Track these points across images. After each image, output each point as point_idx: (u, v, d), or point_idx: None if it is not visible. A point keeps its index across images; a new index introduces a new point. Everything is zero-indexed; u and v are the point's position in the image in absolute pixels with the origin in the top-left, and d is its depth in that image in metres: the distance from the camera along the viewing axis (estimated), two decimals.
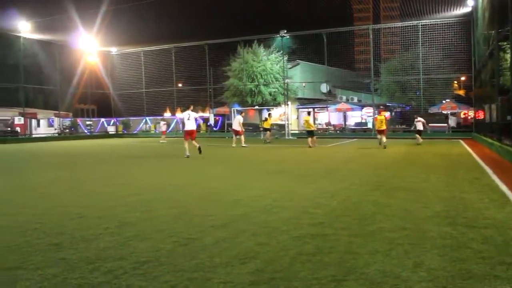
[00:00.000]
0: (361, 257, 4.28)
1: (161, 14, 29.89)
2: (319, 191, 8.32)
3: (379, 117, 22.84)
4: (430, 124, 33.44)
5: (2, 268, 4.18)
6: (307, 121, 23.74)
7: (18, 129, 40.30)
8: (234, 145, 23.59)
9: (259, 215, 6.26)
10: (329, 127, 39.07)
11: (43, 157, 19.33)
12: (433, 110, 34.65)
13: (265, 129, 28.52)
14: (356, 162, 14.36)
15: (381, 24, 41.13)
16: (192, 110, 17.42)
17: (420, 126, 23.82)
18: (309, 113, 27.90)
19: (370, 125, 36.79)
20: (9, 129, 39.55)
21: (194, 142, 17.15)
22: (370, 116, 37.45)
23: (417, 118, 24.42)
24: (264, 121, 29.65)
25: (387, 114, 38.52)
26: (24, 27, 34.10)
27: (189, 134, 17.19)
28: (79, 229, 5.66)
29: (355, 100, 47.88)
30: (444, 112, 33.68)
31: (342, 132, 37.29)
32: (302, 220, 5.89)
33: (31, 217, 6.43)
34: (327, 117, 41.58)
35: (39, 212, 6.84)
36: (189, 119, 17.15)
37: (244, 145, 23.19)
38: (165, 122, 34.20)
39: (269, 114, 28.83)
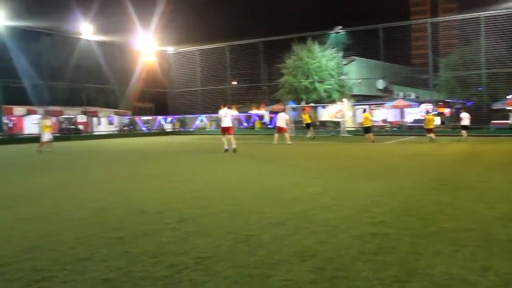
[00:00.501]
0: (424, 258, 4.15)
1: (216, 14, 30.24)
2: (378, 189, 8.15)
3: (427, 117, 23.91)
4: (492, 121, 32.02)
5: (74, 259, 4.38)
6: (367, 118, 24.09)
7: (81, 126, 42.09)
8: (275, 142, 23.41)
9: (317, 213, 6.21)
10: (386, 124, 38.21)
11: (104, 154, 20.07)
12: (497, 106, 33.08)
13: (308, 125, 28.71)
14: (416, 160, 13.98)
15: (440, 17, 39.59)
16: (228, 108, 18.37)
17: (465, 121, 23.00)
18: (364, 110, 27.45)
19: None
20: (73, 126, 41.36)
21: (231, 138, 17.95)
22: (429, 113, 36.26)
23: (462, 112, 23.60)
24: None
25: (446, 110, 37.31)
26: (86, 29, 35.50)
27: (226, 130, 18.03)
28: (141, 224, 5.83)
29: (413, 96, 46.49)
30: (509, 108, 32.07)
31: (399, 129, 36.37)
32: (361, 219, 5.80)
33: (97, 211, 6.69)
34: (384, 114, 40.67)
35: (103, 206, 7.11)
36: (226, 116, 18.05)
37: (289, 142, 23.04)
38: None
39: (303, 109, 28.56)
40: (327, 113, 42.90)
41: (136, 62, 44.03)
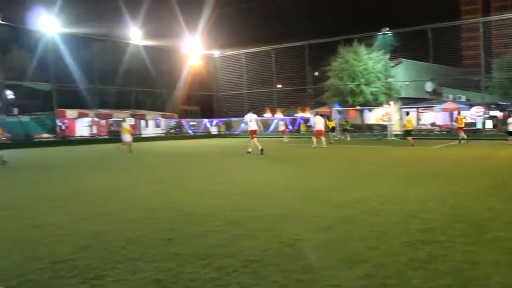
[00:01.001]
0: (480, 268, 4.00)
1: (262, 17, 30.38)
2: (427, 194, 7.94)
3: (459, 116, 26.17)
4: None
5: (125, 259, 4.49)
6: (409, 121, 24.64)
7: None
8: (314, 145, 23.78)
9: (365, 218, 6.11)
10: (434, 127, 37.19)
11: (151, 156, 20.51)
12: None
13: (332, 129, 29.60)
14: (467, 165, 13.54)
15: (492, 16, 38.14)
16: (253, 113, 19.71)
17: (511, 127, 22.30)
18: (407, 113, 27.20)
19: (479, 125, 34.49)
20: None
21: (255, 140, 19.03)
22: (480, 116, 35.09)
23: (511, 116, 22.79)
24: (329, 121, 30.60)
25: (499, 113, 35.93)
26: (135, 35, 36.46)
27: (252, 133, 19.28)
28: (189, 225, 5.92)
29: (463, 99, 45.04)
30: None
31: (448, 133, 35.31)
32: (411, 225, 5.66)
33: (146, 212, 6.84)
34: (432, 117, 39.61)
35: (152, 207, 7.26)
36: (251, 121, 19.33)
37: (324, 145, 23.37)
38: (283, 122, 35.10)
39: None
40: (373, 116, 42.29)
41: (183, 66, 44.82)
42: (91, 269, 4.18)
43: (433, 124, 37.68)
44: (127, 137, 23.83)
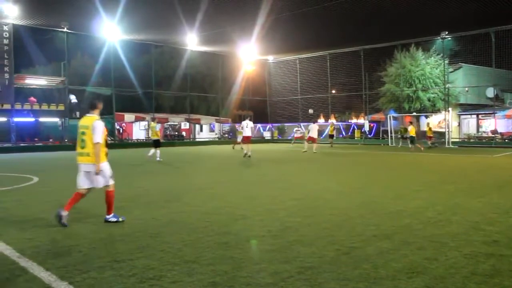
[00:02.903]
0: None
1: (317, 22, 30.22)
2: (490, 205, 7.62)
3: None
4: None
5: (181, 261, 4.59)
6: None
7: (184, 133, 44.15)
8: (305, 149, 24.70)
9: (423, 228, 5.94)
10: (496, 135, 35.63)
11: (206, 160, 20.82)
12: None
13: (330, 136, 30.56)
14: None
15: None
16: (250, 120, 20.85)
17: None
18: (411, 123, 28.36)
19: None
20: (176, 133, 43.48)
21: (245, 146, 20.41)
22: None
23: None
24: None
25: None
26: (191, 40, 37.21)
27: (246, 139, 20.45)
28: (244, 230, 5.97)
29: None
30: None
31: (511, 141, 33.75)
32: (472, 237, 5.45)
33: (202, 215, 6.95)
34: (493, 124, 37.98)
35: (207, 211, 7.37)
36: (247, 127, 20.42)
37: (315, 151, 24.07)
38: (298, 129, 35.57)
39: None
40: (430, 123, 41.07)
41: (238, 71, 45.28)
42: (150, 269, 4.30)
43: (494, 132, 36.09)
44: (240, 138, 25.52)
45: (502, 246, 5.01)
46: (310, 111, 41.83)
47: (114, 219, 6.56)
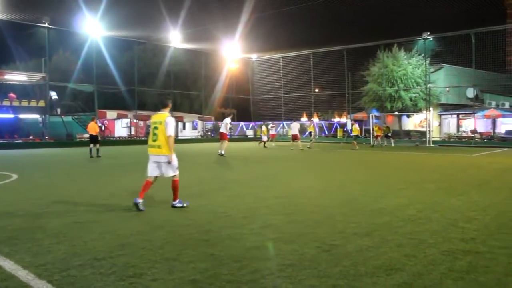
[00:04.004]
0: None
1: (300, 21, 30.30)
2: (468, 203, 7.74)
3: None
4: None
5: (162, 258, 4.58)
6: (356, 129, 28.46)
7: None
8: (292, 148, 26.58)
9: (403, 225, 6.02)
10: (475, 135, 36.16)
11: (189, 158, 20.72)
12: None
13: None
14: (510, 174, 13.10)
15: None
16: (228, 117, 22.32)
17: None
18: (352, 124, 30.84)
19: None
20: None
21: (225, 143, 21.35)
22: None
23: None
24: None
25: None
26: (174, 38, 37.05)
27: (223, 136, 21.60)
28: (226, 228, 5.97)
29: (507, 105, 43.59)
30: None
31: (490, 140, 34.30)
32: (450, 234, 5.54)
33: (183, 213, 6.95)
34: (473, 124, 38.54)
35: (190, 209, 7.35)
36: (222, 124, 22.06)
37: (300, 148, 25.83)
38: (273, 126, 36.76)
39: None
40: (412, 122, 41.52)
41: (221, 69, 45.22)
42: (130, 267, 4.28)
43: (474, 131, 36.63)
44: (264, 137, 29.79)
45: (478, 243, 5.10)
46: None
47: (179, 205, 7.49)
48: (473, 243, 5.11)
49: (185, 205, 7.51)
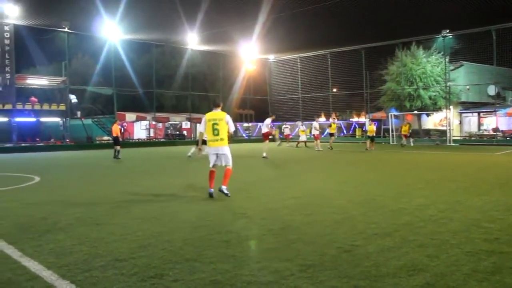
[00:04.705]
0: None
1: (317, 21, 30.18)
2: (491, 203, 7.62)
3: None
4: None
5: (183, 259, 4.59)
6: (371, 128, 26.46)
7: (185, 132, 44.14)
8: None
9: (425, 226, 5.95)
10: (497, 133, 35.58)
11: (206, 160, 20.79)
12: None
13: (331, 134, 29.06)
14: None
15: None
16: (269, 118, 22.87)
17: None
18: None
19: None
20: (177, 132, 43.49)
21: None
22: None
23: None
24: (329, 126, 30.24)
25: None
26: (192, 40, 37.24)
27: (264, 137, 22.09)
28: (245, 229, 5.98)
29: None
30: None
31: None
32: (473, 234, 5.46)
33: (202, 214, 6.96)
34: (495, 122, 37.94)
35: (208, 210, 7.38)
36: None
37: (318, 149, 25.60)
38: (287, 126, 36.76)
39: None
40: (431, 121, 41.03)
41: (238, 70, 45.29)
42: (151, 268, 4.31)
43: (495, 130, 36.06)
44: (302, 137, 29.45)
45: (503, 244, 5.01)
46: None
47: (226, 191, 8.55)
48: (497, 244, 5.03)
49: (229, 195, 8.51)
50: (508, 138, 34.13)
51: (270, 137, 23.31)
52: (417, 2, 25.67)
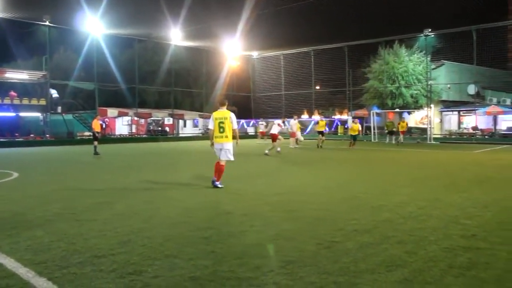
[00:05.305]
0: None
1: (301, 18, 30.24)
2: (469, 200, 7.73)
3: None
4: None
5: (163, 255, 4.57)
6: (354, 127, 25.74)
7: (167, 128, 43.88)
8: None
9: (404, 222, 6.01)
10: (476, 131, 36.12)
11: (190, 155, 20.76)
12: None
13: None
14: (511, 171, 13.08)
15: None
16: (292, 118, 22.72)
17: None
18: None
19: None
20: (160, 128, 43.21)
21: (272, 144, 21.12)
22: None
23: None
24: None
25: None
26: (175, 36, 37.03)
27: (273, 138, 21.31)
28: (226, 225, 5.97)
29: (508, 102, 43.53)
30: None
31: (491, 137, 34.24)
32: (451, 231, 5.53)
33: (184, 211, 6.94)
34: (474, 120, 38.49)
35: (190, 206, 7.35)
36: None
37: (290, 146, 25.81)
38: (262, 123, 36.75)
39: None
40: (413, 119, 41.43)
41: (222, 67, 45.17)
42: (130, 265, 4.28)
43: (475, 128, 36.59)
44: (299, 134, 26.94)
45: (479, 240, 5.09)
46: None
47: (220, 186, 9.26)
48: (474, 240, 5.11)
49: (222, 187, 9.22)
50: (486, 137, 34.65)
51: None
52: (400, 1, 25.88)
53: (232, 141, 9.40)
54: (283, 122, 26.36)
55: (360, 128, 26.87)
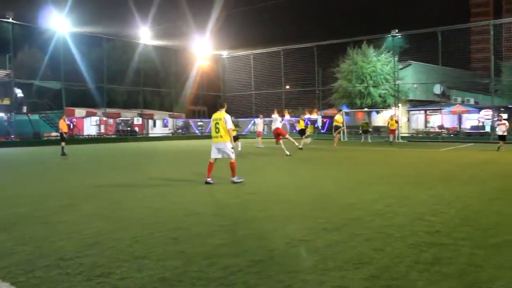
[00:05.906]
0: (485, 271, 4.00)
1: (271, 18, 30.37)
2: (435, 197, 7.92)
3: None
4: None
5: (131, 257, 4.52)
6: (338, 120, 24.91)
7: (136, 128, 43.39)
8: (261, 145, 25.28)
9: (372, 220, 6.11)
10: (442, 130, 37.00)
11: (160, 155, 20.59)
12: None
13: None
14: (475, 168, 13.45)
15: (504, 19, 37.69)
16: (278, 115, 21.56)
17: (501, 131, 21.35)
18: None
19: (488, 129, 34.26)
20: (129, 128, 42.69)
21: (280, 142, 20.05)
22: (489, 119, 34.84)
23: (500, 120, 22.17)
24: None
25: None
26: (144, 34, 36.65)
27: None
28: (196, 225, 5.94)
29: (472, 102, 44.77)
30: None
31: (456, 136, 35.13)
32: (417, 227, 5.66)
33: (153, 211, 6.87)
34: (440, 119, 39.43)
35: (159, 206, 7.30)
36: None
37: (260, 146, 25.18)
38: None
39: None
40: (381, 119, 42.13)
41: (192, 66, 44.95)
42: (97, 267, 4.21)
43: (440, 127, 37.48)
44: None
45: (443, 236, 5.23)
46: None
47: (238, 180, 9.88)
48: (438, 236, 5.24)
49: (243, 180, 9.91)
50: (452, 135, 35.51)
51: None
52: (369, 3, 26.25)
53: (229, 140, 9.88)
54: (282, 118, 24.43)
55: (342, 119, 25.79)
